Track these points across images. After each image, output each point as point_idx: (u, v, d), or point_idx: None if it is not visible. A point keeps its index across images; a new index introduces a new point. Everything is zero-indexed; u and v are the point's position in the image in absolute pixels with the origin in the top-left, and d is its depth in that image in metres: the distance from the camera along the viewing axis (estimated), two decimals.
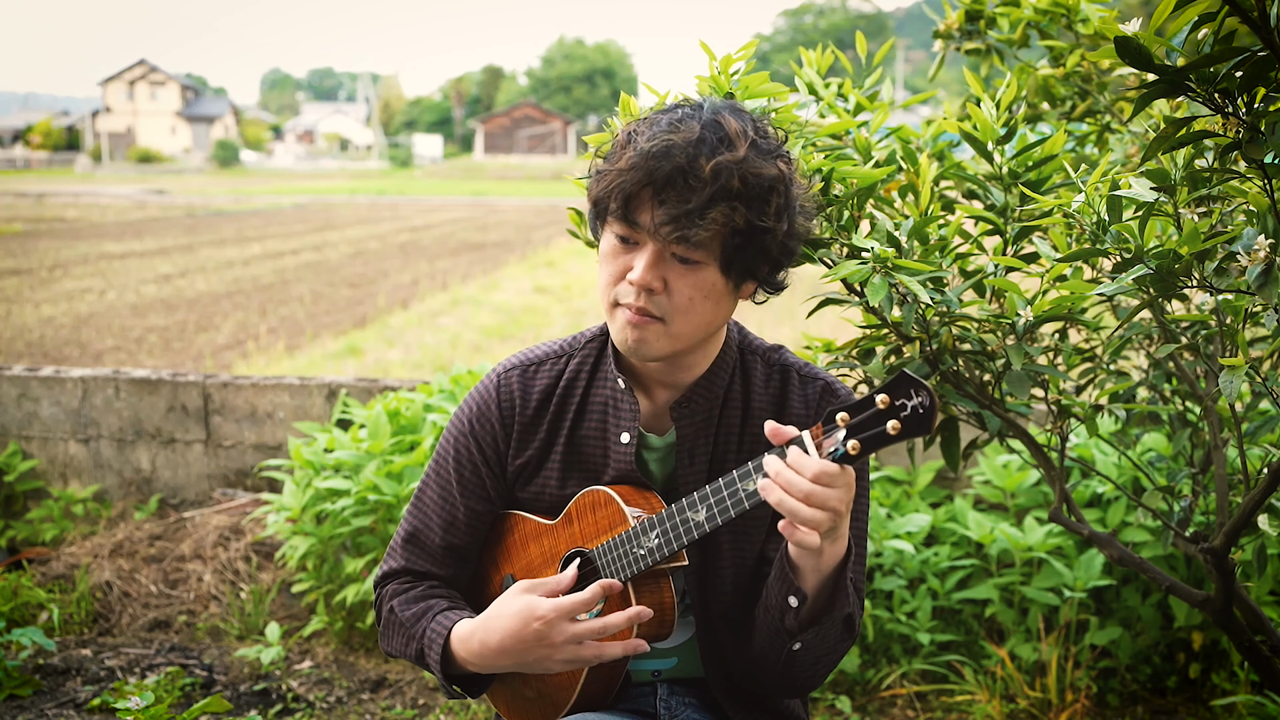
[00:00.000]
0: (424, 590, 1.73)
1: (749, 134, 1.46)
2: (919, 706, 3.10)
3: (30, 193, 34.34)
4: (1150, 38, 1.47)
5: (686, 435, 1.63)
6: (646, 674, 1.71)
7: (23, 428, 4.42)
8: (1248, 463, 2.08)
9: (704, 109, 1.48)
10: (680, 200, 1.42)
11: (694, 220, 1.41)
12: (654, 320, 1.51)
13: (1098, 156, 2.40)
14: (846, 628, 1.55)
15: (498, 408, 1.70)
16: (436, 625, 1.64)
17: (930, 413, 1.27)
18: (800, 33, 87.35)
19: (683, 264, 1.48)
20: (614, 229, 1.51)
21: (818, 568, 1.47)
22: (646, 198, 1.45)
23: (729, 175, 1.41)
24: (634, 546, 1.53)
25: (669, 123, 1.45)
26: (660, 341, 1.53)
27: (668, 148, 1.42)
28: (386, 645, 1.74)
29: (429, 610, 1.67)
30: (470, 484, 1.71)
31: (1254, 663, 2.18)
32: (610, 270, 1.53)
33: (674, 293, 1.49)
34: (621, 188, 1.45)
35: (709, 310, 1.52)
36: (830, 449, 1.34)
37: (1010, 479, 3.32)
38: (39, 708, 3.12)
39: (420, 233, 21.59)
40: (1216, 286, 1.60)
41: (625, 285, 1.51)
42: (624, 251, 1.51)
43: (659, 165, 1.42)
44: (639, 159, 1.43)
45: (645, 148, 1.44)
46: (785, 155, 1.50)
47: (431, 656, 1.63)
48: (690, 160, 1.41)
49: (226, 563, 3.88)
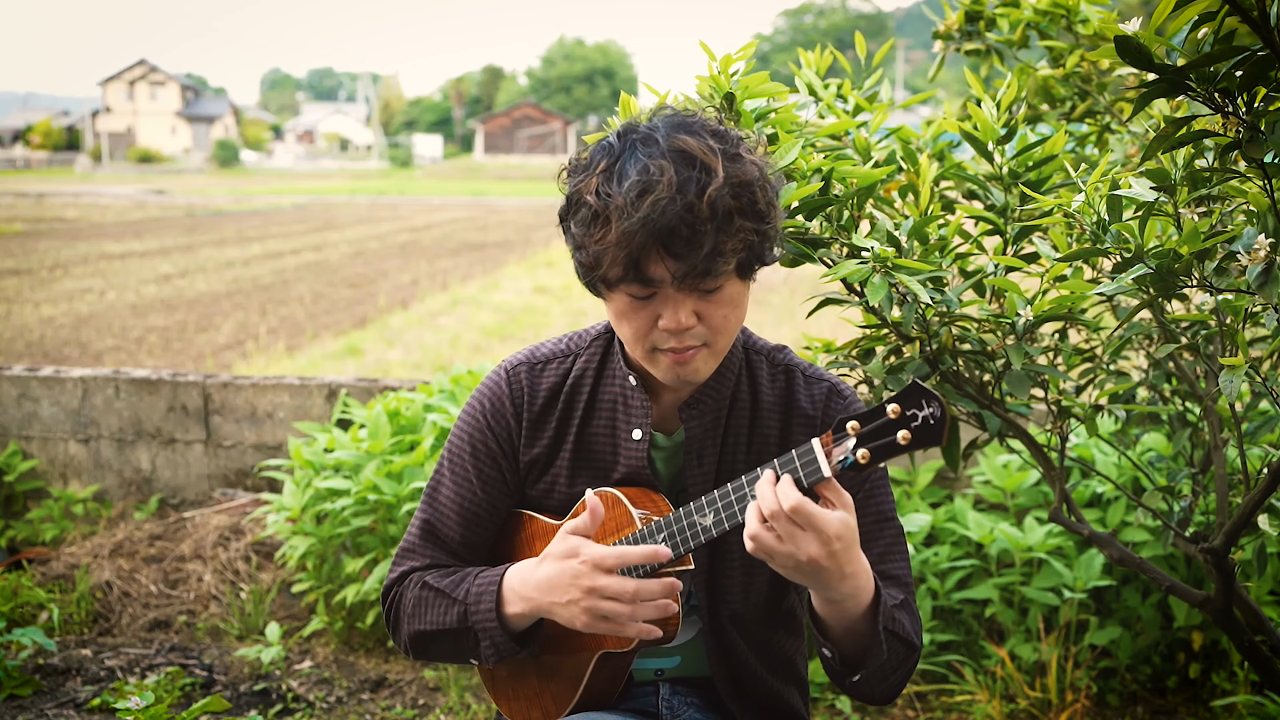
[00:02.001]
0: (455, 568, 1.69)
1: (713, 146, 1.41)
2: (919, 706, 3.10)
3: (30, 193, 34.34)
4: (1150, 37, 1.47)
5: (695, 435, 1.63)
6: (649, 673, 1.71)
7: (23, 428, 4.43)
8: (1248, 463, 2.08)
9: (658, 140, 1.41)
10: (692, 248, 1.39)
11: (715, 260, 1.40)
12: (699, 349, 1.51)
13: (1098, 156, 2.40)
14: (905, 651, 1.55)
15: (510, 400, 1.69)
16: (484, 578, 1.60)
17: (941, 424, 1.28)
18: (800, 33, 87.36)
19: (708, 293, 1.47)
20: (625, 290, 1.46)
21: (841, 620, 1.47)
22: (654, 255, 1.41)
23: (724, 202, 1.39)
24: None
25: (638, 175, 1.39)
26: (708, 363, 1.53)
27: (656, 203, 1.37)
28: (416, 623, 1.65)
29: (468, 574, 1.63)
30: (490, 476, 1.69)
31: (1254, 663, 2.18)
32: (635, 326, 1.50)
33: (708, 319, 1.48)
34: (627, 257, 1.40)
35: (739, 315, 1.53)
36: (840, 457, 1.34)
37: (1010, 479, 3.32)
38: (39, 708, 3.12)
39: (420, 233, 21.59)
40: (1216, 286, 1.60)
41: (660, 334, 1.48)
42: (644, 305, 1.48)
43: (656, 224, 1.37)
44: (633, 226, 1.38)
45: (633, 213, 1.38)
46: (740, 140, 1.47)
47: (483, 606, 1.57)
48: (685, 207, 1.37)
49: (226, 563, 3.88)
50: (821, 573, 1.37)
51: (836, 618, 1.47)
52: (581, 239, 1.45)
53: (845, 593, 1.41)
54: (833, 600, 1.43)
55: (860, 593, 1.43)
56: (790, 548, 1.34)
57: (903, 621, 1.55)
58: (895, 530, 1.65)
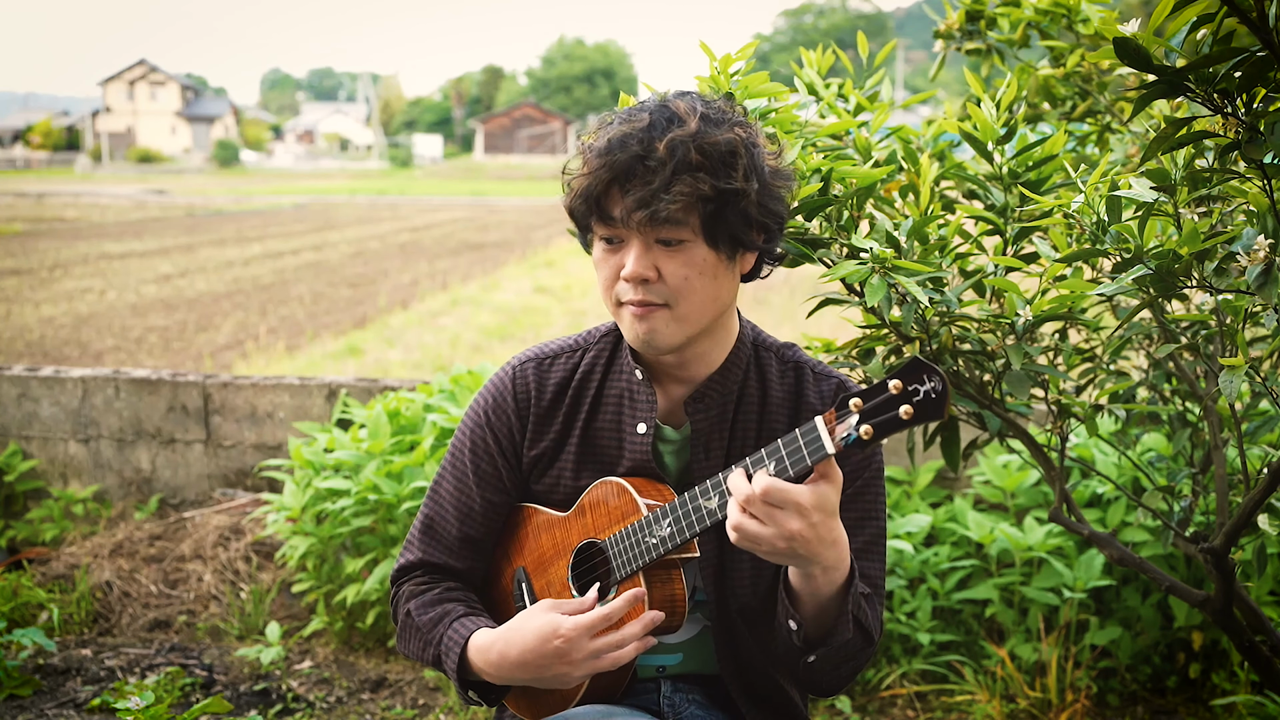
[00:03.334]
0: (440, 593, 1.73)
1: (698, 109, 1.50)
2: (919, 706, 3.10)
3: (30, 193, 34.34)
4: (1149, 38, 1.47)
5: (701, 429, 1.64)
6: (651, 670, 1.72)
7: (23, 428, 4.43)
8: (1248, 463, 2.08)
9: (653, 99, 1.55)
10: (644, 184, 1.46)
11: (659, 197, 1.45)
12: (658, 307, 1.53)
13: (1098, 156, 2.40)
14: (863, 640, 1.57)
15: (514, 399, 1.71)
16: (453, 633, 1.65)
17: (943, 397, 1.28)
18: (800, 33, 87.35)
19: (668, 247, 1.51)
20: (597, 232, 1.55)
21: (814, 595, 1.50)
22: (614, 192, 1.50)
23: (684, 149, 1.45)
24: (646, 535, 1.54)
25: (620, 120, 1.51)
26: (670, 328, 1.55)
27: (622, 139, 1.47)
28: (404, 648, 1.75)
29: (446, 616, 1.68)
30: (487, 475, 1.72)
31: (1254, 663, 2.18)
32: (605, 274, 1.57)
33: (668, 276, 1.52)
34: (588, 189, 1.50)
35: (709, 286, 1.54)
36: (843, 434, 1.34)
37: (1010, 479, 3.32)
38: (39, 708, 3.12)
39: (420, 233, 21.59)
40: (1216, 286, 1.61)
41: (622, 283, 1.54)
42: (613, 252, 1.55)
43: (617, 158, 1.47)
44: (596, 158, 1.49)
45: (600, 146, 1.49)
46: (741, 122, 1.54)
47: (449, 664, 1.64)
48: (645, 145, 1.46)
49: (226, 563, 3.88)
50: (807, 544, 1.40)
51: (810, 592, 1.50)
52: (569, 181, 1.56)
53: (829, 562, 1.44)
54: (811, 574, 1.46)
55: (840, 564, 1.46)
56: (772, 528, 1.38)
57: (867, 611, 1.57)
58: (878, 530, 1.67)
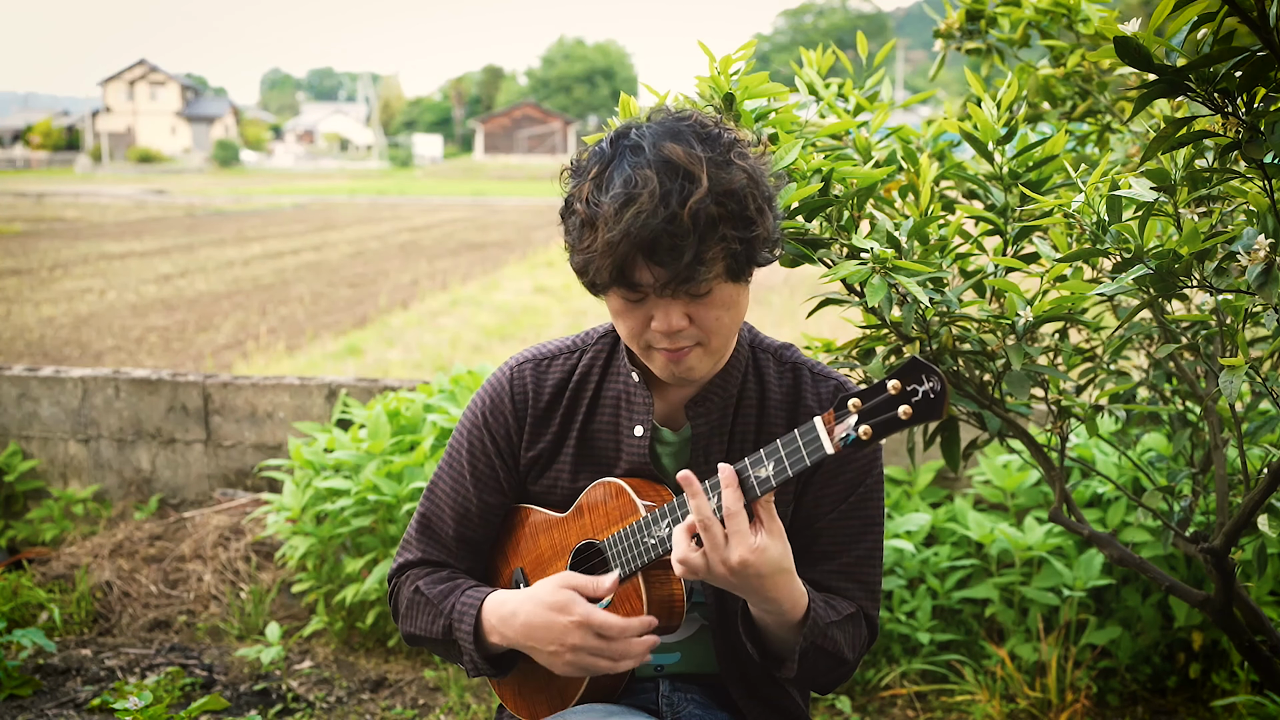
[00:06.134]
0: (448, 573, 1.75)
1: (699, 154, 1.42)
2: (919, 706, 3.10)
3: (30, 193, 34.34)
4: (1150, 38, 1.47)
5: (701, 432, 1.64)
6: (649, 669, 1.72)
7: (23, 428, 4.43)
8: (1248, 463, 2.08)
9: (645, 149, 1.43)
10: (674, 257, 1.41)
11: (696, 269, 1.42)
12: (691, 348, 1.53)
13: (1098, 156, 2.40)
14: (831, 662, 1.59)
15: (511, 400, 1.71)
16: (467, 598, 1.66)
17: (941, 397, 1.28)
18: (800, 33, 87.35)
19: (698, 297, 1.48)
20: (617, 293, 1.50)
21: (768, 628, 1.54)
22: (639, 263, 1.44)
23: (707, 211, 1.40)
24: (644, 536, 1.54)
25: (622, 184, 1.41)
26: (704, 362, 1.55)
27: (638, 215, 1.39)
28: (409, 625, 1.74)
29: (456, 587, 1.70)
30: (484, 476, 1.73)
31: (1254, 663, 2.18)
32: (630, 325, 1.53)
33: (700, 320, 1.50)
34: (611, 265, 1.43)
35: (735, 316, 1.54)
36: (842, 435, 1.34)
37: (1010, 479, 3.32)
38: (39, 708, 3.12)
39: (420, 233, 21.59)
40: (1216, 286, 1.60)
41: (655, 334, 1.51)
42: (636, 306, 1.51)
43: (639, 234, 1.40)
44: (616, 237, 1.40)
45: (616, 224, 1.40)
46: (734, 144, 1.47)
47: (462, 628, 1.64)
48: (667, 218, 1.39)
49: (226, 563, 3.88)
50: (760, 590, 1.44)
51: (767, 624, 1.54)
52: (574, 243, 1.50)
53: (770, 605, 1.48)
54: (765, 610, 1.50)
55: (785, 613, 1.50)
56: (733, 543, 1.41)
57: (836, 638, 1.58)
58: (878, 537, 1.68)
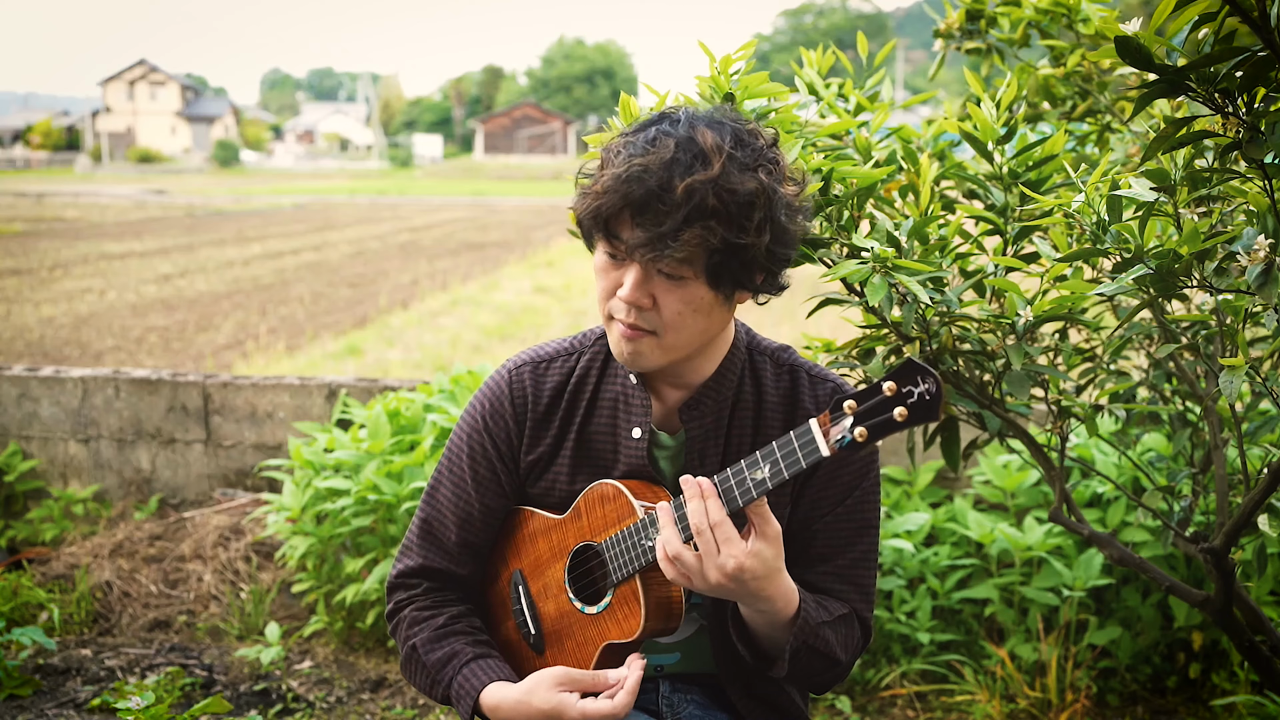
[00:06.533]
0: (445, 622, 1.72)
1: (725, 148, 1.43)
2: (919, 706, 3.10)
3: (30, 193, 34.33)
4: (1150, 38, 1.47)
5: (696, 436, 1.64)
6: (649, 669, 1.72)
7: (23, 428, 4.43)
8: (1248, 463, 2.08)
9: (680, 123, 1.47)
10: (654, 222, 1.42)
11: (668, 242, 1.42)
12: (646, 334, 1.53)
13: (1098, 156, 2.40)
14: (824, 664, 1.59)
15: (511, 403, 1.71)
16: (463, 681, 1.65)
17: (937, 399, 1.28)
18: (800, 33, 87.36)
19: (669, 279, 1.48)
20: (601, 246, 1.53)
21: (759, 628, 1.54)
22: (625, 218, 1.46)
23: (703, 194, 1.40)
24: (642, 538, 1.54)
25: (644, 142, 1.45)
26: (654, 354, 1.55)
27: (643, 169, 1.42)
28: (408, 676, 1.75)
29: (454, 657, 1.68)
30: (485, 480, 1.72)
31: (1254, 663, 2.18)
32: (603, 285, 1.55)
33: (663, 308, 1.50)
34: (600, 210, 1.46)
35: (699, 322, 1.53)
36: (838, 437, 1.34)
37: (1010, 479, 3.32)
38: (39, 708, 3.12)
39: (420, 233, 21.59)
40: (1216, 286, 1.60)
41: (617, 301, 1.52)
42: (614, 267, 1.52)
43: (633, 188, 1.42)
44: (614, 182, 1.44)
45: (620, 170, 1.44)
46: (769, 162, 1.47)
47: (462, 709, 1.64)
48: (663, 182, 1.41)
49: (226, 563, 3.88)
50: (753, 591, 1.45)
51: (758, 624, 1.54)
52: (583, 189, 1.52)
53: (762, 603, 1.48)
54: (758, 609, 1.50)
55: (775, 613, 1.50)
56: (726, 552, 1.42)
57: (828, 638, 1.58)
58: (873, 541, 1.68)
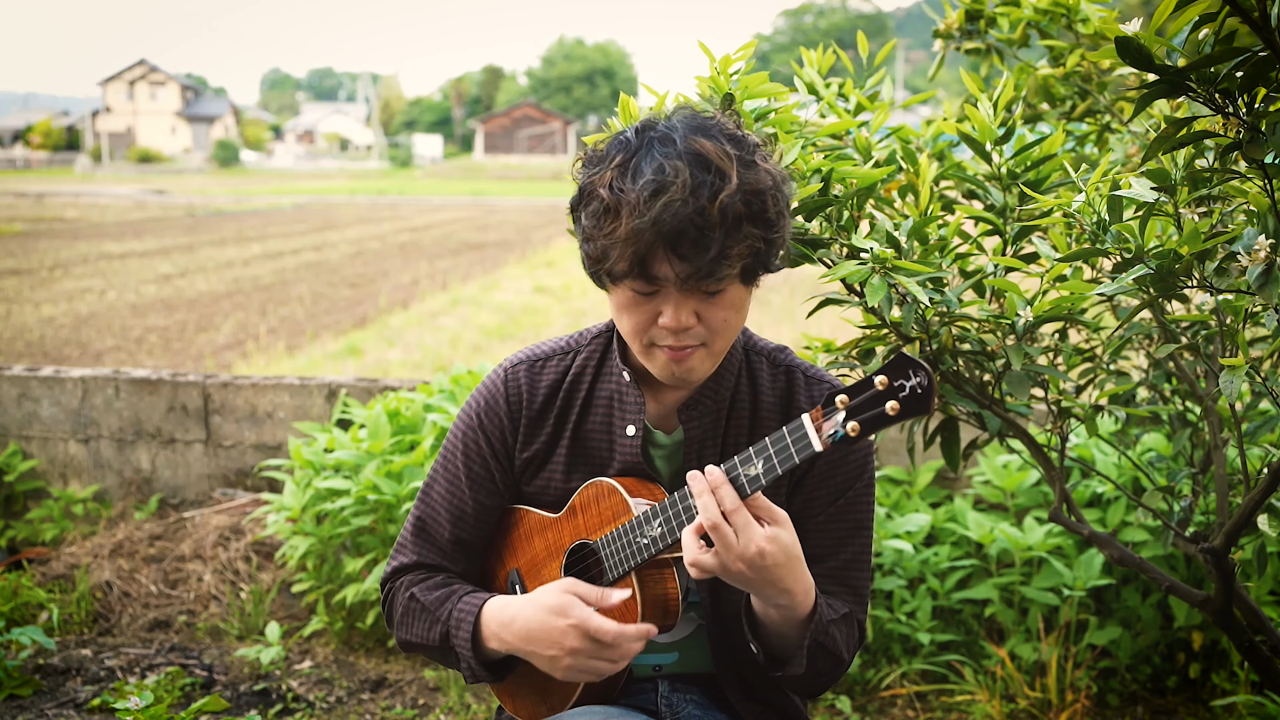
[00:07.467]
0: (443, 579, 1.74)
1: (729, 151, 1.42)
2: (919, 706, 3.10)
3: (30, 193, 34.33)
4: (1151, 38, 1.47)
5: (694, 436, 1.64)
6: (647, 669, 1.72)
7: (23, 428, 4.42)
8: (1248, 463, 2.08)
9: (675, 140, 1.43)
10: (699, 250, 1.40)
11: (720, 264, 1.41)
12: (696, 349, 1.52)
13: (1098, 156, 2.40)
14: (830, 663, 1.58)
15: (506, 401, 1.71)
16: (464, 604, 1.65)
17: (929, 392, 1.27)
18: (800, 33, 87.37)
19: (709, 295, 1.48)
20: (630, 285, 1.47)
21: (774, 624, 1.52)
22: (661, 254, 1.42)
23: (734, 207, 1.40)
24: (637, 536, 1.54)
25: (653, 174, 1.40)
26: (705, 363, 1.55)
27: (669, 205, 1.38)
28: (404, 633, 1.73)
29: (453, 593, 1.69)
30: (479, 478, 1.72)
31: (1254, 663, 2.18)
32: (635, 320, 1.51)
33: (709, 320, 1.50)
34: (635, 253, 1.41)
35: (740, 319, 1.54)
36: (830, 431, 1.34)
37: (1010, 479, 3.32)
38: (39, 708, 3.12)
39: (420, 233, 21.59)
40: (1216, 286, 1.60)
41: (659, 330, 1.50)
42: (646, 301, 1.49)
43: (667, 224, 1.38)
44: (643, 224, 1.39)
45: (645, 211, 1.39)
46: (757, 147, 1.48)
47: (460, 635, 1.63)
48: (696, 210, 1.38)
49: (226, 563, 3.88)
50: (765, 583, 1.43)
51: (773, 620, 1.52)
52: (591, 231, 1.47)
53: (783, 599, 1.46)
54: (778, 603, 1.48)
55: (793, 607, 1.48)
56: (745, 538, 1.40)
57: (835, 636, 1.57)
58: (867, 540, 1.68)
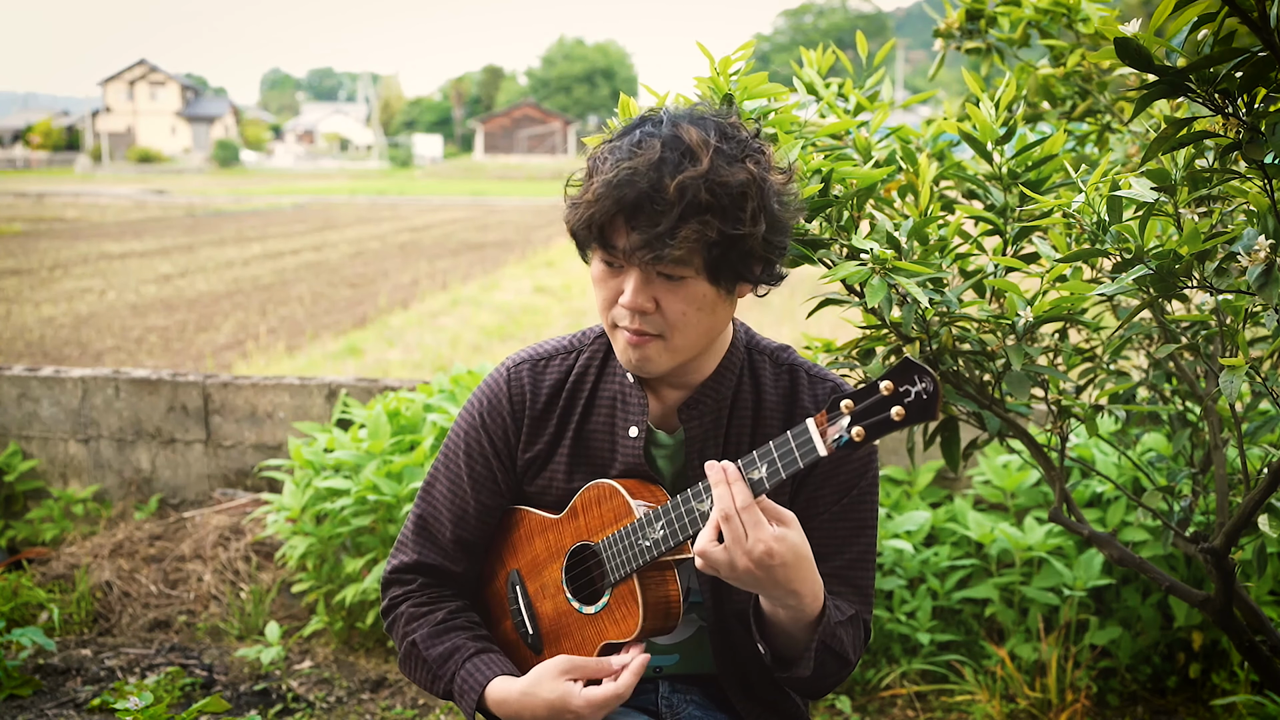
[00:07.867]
0: (444, 618, 1.71)
1: (712, 142, 1.44)
2: (919, 706, 3.10)
3: (30, 193, 34.32)
4: (1150, 38, 1.47)
5: (695, 436, 1.64)
6: (648, 670, 1.71)
7: (23, 428, 4.42)
8: (1248, 463, 2.08)
9: (663, 123, 1.47)
10: (650, 223, 1.42)
11: (665, 241, 1.42)
12: (653, 338, 1.52)
13: (1098, 156, 2.40)
14: (837, 664, 1.58)
15: (509, 400, 1.71)
16: (466, 675, 1.64)
17: (934, 398, 1.28)
18: (800, 33, 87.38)
19: (669, 280, 1.48)
20: (597, 255, 1.52)
21: (782, 625, 1.52)
22: (619, 224, 1.46)
23: (695, 190, 1.41)
24: (639, 538, 1.54)
25: (629, 146, 1.45)
26: (662, 357, 1.54)
27: (631, 173, 1.42)
28: (407, 673, 1.74)
29: (456, 652, 1.67)
30: (481, 477, 1.72)
31: (1254, 663, 2.18)
32: (604, 294, 1.55)
33: (666, 310, 1.50)
34: (592, 218, 1.46)
35: (704, 320, 1.53)
36: (835, 436, 1.34)
37: (1010, 479, 3.32)
38: (39, 708, 3.12)
39: (420, 233, 21.58)
40: (1216, 286, 1.60)
41: (620, 309, 1.52)
42: (612, 275, 1.52)
43: (624, 192, 1.42)
44: (604, 189, 1.44)
45: (609, 176, 1.44)
46: (756, 153, 1.48)
47: (465, 704, 1.64)
48: (654, 183, 1.41)
49: (226, 563, 3.88)
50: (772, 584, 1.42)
51: (781, 621, 1.51)
52: (573, 199, 1.52)
53: (792, 600, 1.46)
54: (786, 604, 1.47)
55: (802, 609, 1.47)
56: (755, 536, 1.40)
57: (842, 638, 1.57)
58: (870, 541, 1.68)
